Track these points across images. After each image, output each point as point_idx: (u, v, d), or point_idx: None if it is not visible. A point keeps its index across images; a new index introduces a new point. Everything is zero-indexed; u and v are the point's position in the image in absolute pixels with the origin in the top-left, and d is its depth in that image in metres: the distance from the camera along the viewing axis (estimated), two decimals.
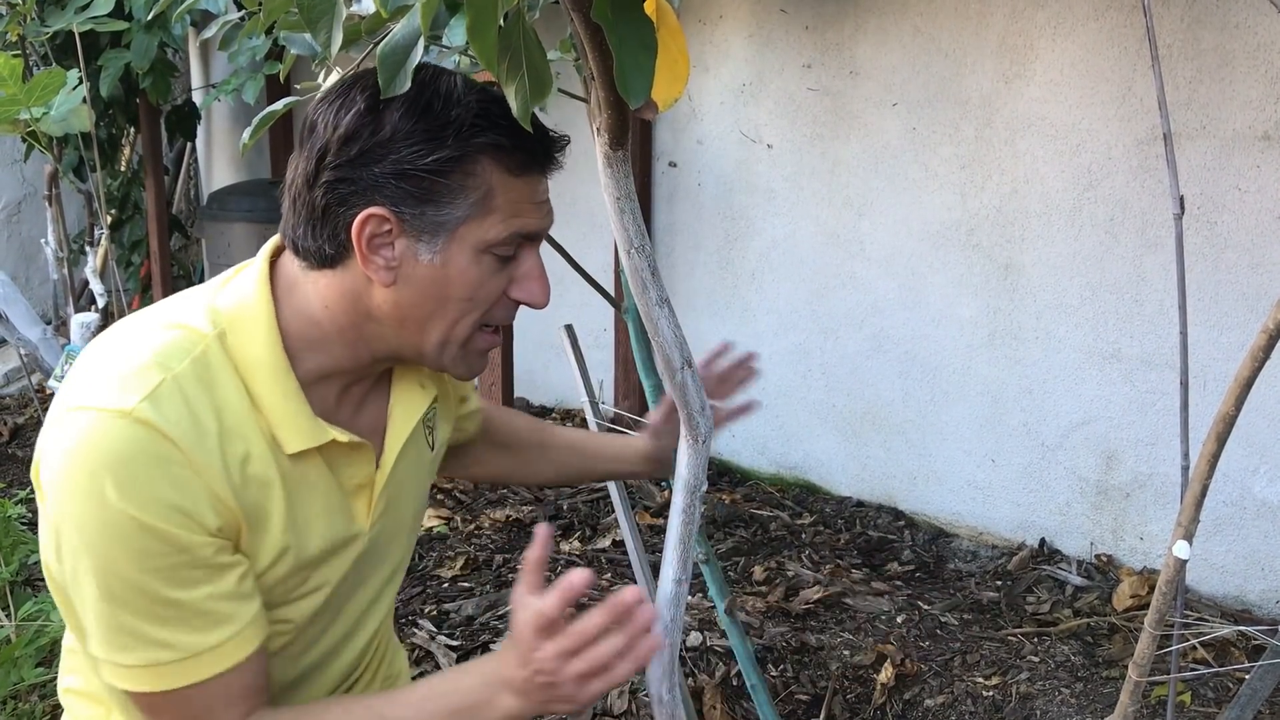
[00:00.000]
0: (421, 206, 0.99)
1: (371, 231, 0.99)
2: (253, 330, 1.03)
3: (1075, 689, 2.39)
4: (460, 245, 1.01)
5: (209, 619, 0.98)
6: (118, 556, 0.94)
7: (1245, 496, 2.66)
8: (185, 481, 0.95)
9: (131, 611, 0.96)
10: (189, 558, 0.96)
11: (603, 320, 3.93)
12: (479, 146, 0.98)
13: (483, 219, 1.00)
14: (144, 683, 0.98)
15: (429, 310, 1.03)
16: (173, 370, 0.98)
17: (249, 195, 4.53)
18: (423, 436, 1.22)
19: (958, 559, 3.07)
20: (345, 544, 1.13)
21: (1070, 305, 2.87)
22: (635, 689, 2.37)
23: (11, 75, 2.48)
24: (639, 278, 0.94)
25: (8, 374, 4.85)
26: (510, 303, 1.07)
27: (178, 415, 0.96)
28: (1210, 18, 2.53)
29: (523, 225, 1.03)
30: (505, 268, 1.05)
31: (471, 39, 0.79)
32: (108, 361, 0.99)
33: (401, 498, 1.19)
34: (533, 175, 1.03)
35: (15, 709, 2.09)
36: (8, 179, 5.58)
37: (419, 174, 0.98)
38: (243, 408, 1.01)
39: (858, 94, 3.19)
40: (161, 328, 1.02)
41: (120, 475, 0.93)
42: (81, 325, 2.93)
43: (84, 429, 0.94)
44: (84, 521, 0.94)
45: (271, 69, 3.41)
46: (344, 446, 1.09)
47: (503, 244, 1.02)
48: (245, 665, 1.01)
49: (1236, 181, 2.56)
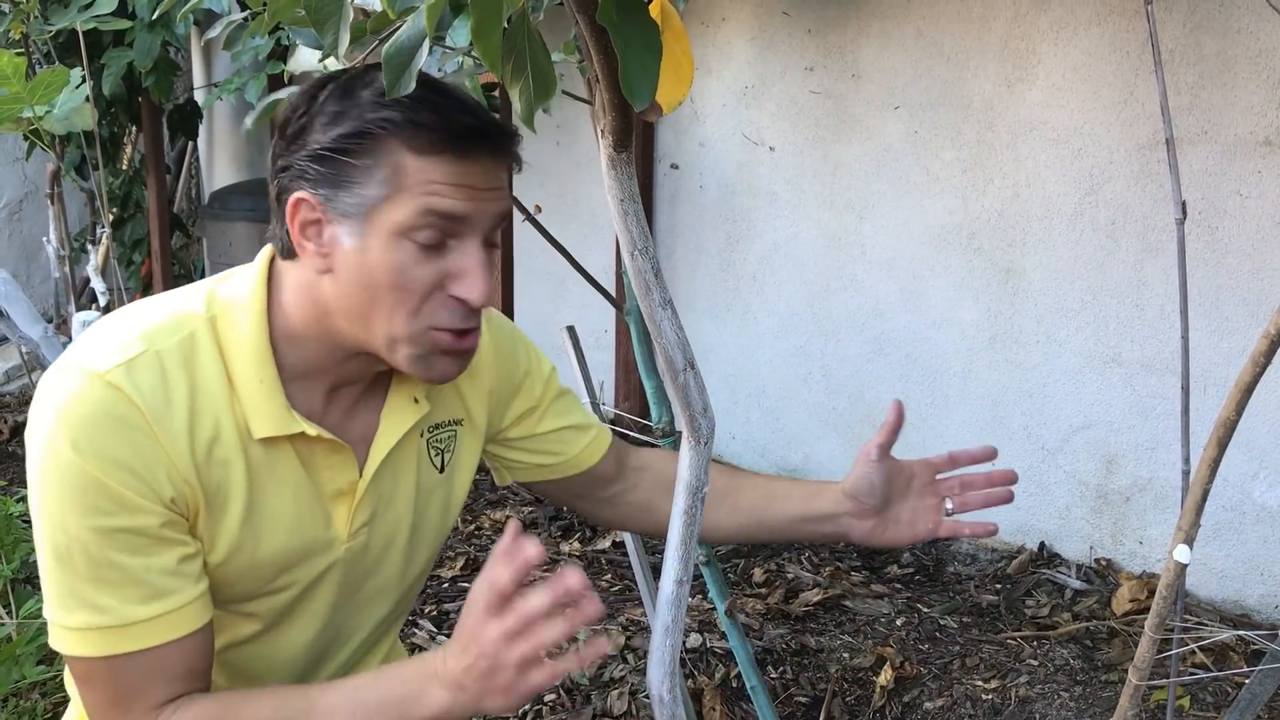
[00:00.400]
0: (335, 189, 0.99)
1: (303, 218, 1.01)
2: (242, 317, 1.05)
3: (1074, 692, 2.39)
4: (377, 229, 0.98)
5: (148, 589, 0.99)
6: (67, 510, 0.96)
7: (1245, 501, 2.66)
8: (143, 448, 0.97)
9: (74, 570, 0.97)
10: (135, 523, 0.97)
11: (603, 321, 3.93)
12: (378, 122, 0.97)
13: (393, 200, 0.98)
14: (79, 646, 0.99)
15: (364, 301, 1.01)
16: (156, 345, 1.01)
17: (250, 194, 4.53)
18: (425, 455, 1.19)
19: (957, 562, 3.07)
20: (318, 548, 1.12)
21: (1071, 309, 2.88)
22: (635, 690, 2.38)
23: (15, 73, 2.49)
24: (642, 279, 0.94)
25: (8, 371, 4.85)
26: (452, 301, 1.01)
27: (150, 385, 0.98)
28: (1212, 23, 2.53)
29: (435, 203, 0.98)
30: (434, 258, 1.00)
31: (476, 40, 0.79)
32: (104, 331, 1.03)
33: (391, 512, 1.17)
34: (447, 156, 0.98)
35: (17, 706, 2.09)
36: (9, 177, 5.59)
37: (326, 153, 0.98)
38: (220, 390, 1.03)
39: (860, 97, 3.20)
40: (161, 309, 1.05)
41: (79, 431, 0.95)
42: (83, 323, 2.93)
43: (59, 386, 0.98)
44: (42, 472, 0.97)
45: (274, 68, 3.42)
46: (323, 448, 1.09)
47: (416, 228, 0.98)
48: (181, 644, 1.00)
49: (1238, 187, 2.56)
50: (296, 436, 1.06)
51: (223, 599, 1.09)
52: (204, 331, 1.03)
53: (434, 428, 1.20)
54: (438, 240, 0.99)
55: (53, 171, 4.06)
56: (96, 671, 1.00)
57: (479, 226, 1.01)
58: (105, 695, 1.01)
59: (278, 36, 2.72)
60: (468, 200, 0.99)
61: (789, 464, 3.57)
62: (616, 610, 2.75)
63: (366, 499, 1.13)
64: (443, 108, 0.97)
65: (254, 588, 1.10)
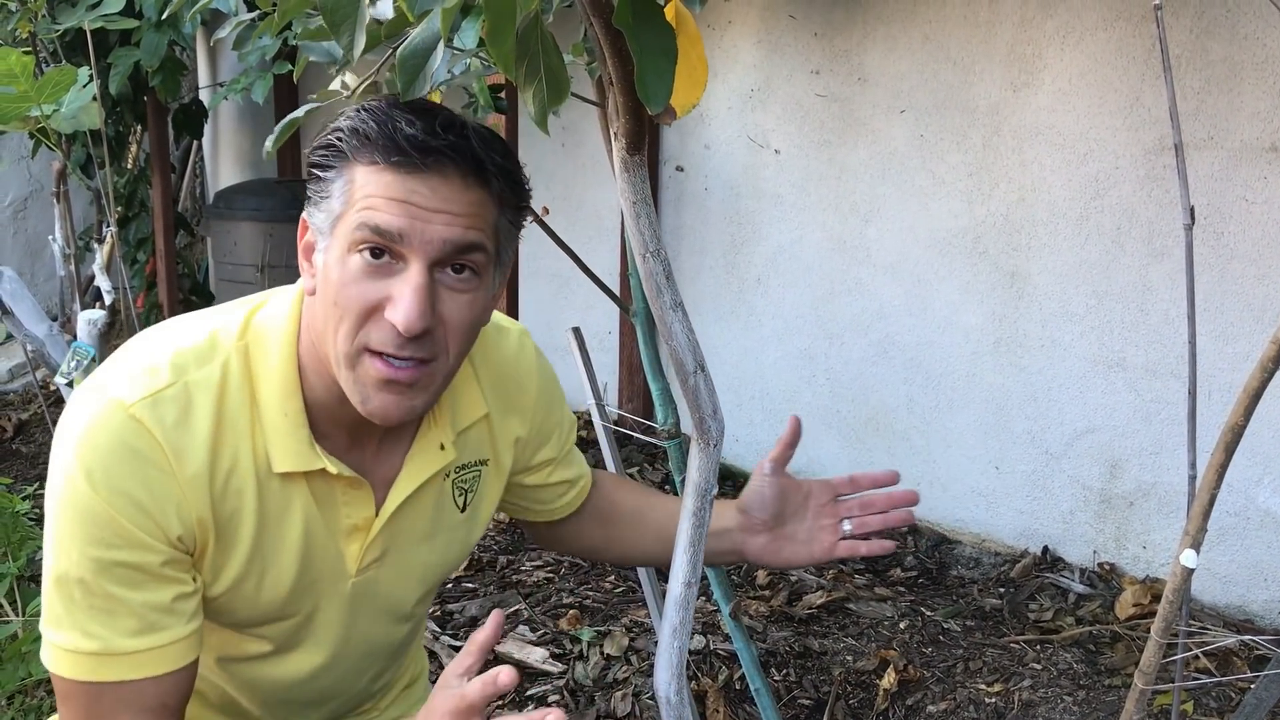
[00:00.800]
0: (315, 206, 0.99)
1: (306, 240, 1.01)
2: (273, 346, 1.04)
3: (1077, 697, 2.40)
4: (337, 243, 0.97)
5: (139, 623, 0.99)
6: (73, 536, 0.97)
7: (1249, 507, 2.66)
8: (156, 484, 0.97)
9: (70, 594, 0.98)
10: (137, 559, 0.97)
11: (608, 323, 3.93)
12: (339, 134, 0.96)
13: (347, 214, 0.96)
14: (61, 665, 1.00)
15: (322, 318, 0.99)
16: (186, 376, 1.00)
17: (255, 194, 4.54)
18: (449, 495, 1.18)
19: (961, 565, 3.07)
20: (325, 581, 1.12)
21: (1076, 314, 2.88)
22: (639, 691, 2.38)
23: (23, 72, 2.49)
24: (654, 281, 0.94)
25: (12, 370, 4.85)
26: (387, 325, 0.96)
27: (174, 420, 0.98)
28: (1219, 29, 2.54)
29: (367, 218, 0.94)
30: (380, 278, 0.96)
31: (490, 44, 0.79)
32: (138, 352, 1.03)
33: (404, 550, 1.16)
34: (389, 167, 0.94)
35: (23, 704, 2.09)
36: (15, 176, 5.60)
37: (311, 172, 0.99)
38: (244, 422, 1.02)
39: (866, 100, 3.20)
40: (198, 331, 1.04)
41: (96, 461, 0.96)
42: (88, 322, 2.94)
43: (84, 410, 0.98)
44: (56, 494, 0.98)
45: (281, 69, 3.42)
46: (341, 485, 1.08)
47: (358, 242, 0.95)
48: (159, 680, 1.00)
49: (1244, 192, 2.56)
50: (315, 476, 1.06)
51: (229, 623, 1.10)
52: (236, 360, 1.03)
53: (460, 468, 1.19)
54: (377, 255, 0.95)
55: (58, 170, 4.06)
56: (73, 692, 1.00)
57: (420, 249, 0.95)
58: (75, 715, 1.01)
59: (284, 37, 2.73)
60: (405, 217, 0.94)
61: (792, 467, 3.56)
62: (620, 612, 2.75)
63: (380, 537, 1.13)
64: (392, 120, 0.94)
65: (258, 615, 1.10)
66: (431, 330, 0.97)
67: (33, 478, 3.64)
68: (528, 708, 2.38)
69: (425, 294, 0.95)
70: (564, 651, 2.57)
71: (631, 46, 0.77)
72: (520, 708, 2.38)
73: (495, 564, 3.04)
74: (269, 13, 1.20)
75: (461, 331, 1.00)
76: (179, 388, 0.99)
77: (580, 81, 1.35)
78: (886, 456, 3.33)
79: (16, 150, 5.48)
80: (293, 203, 4.42)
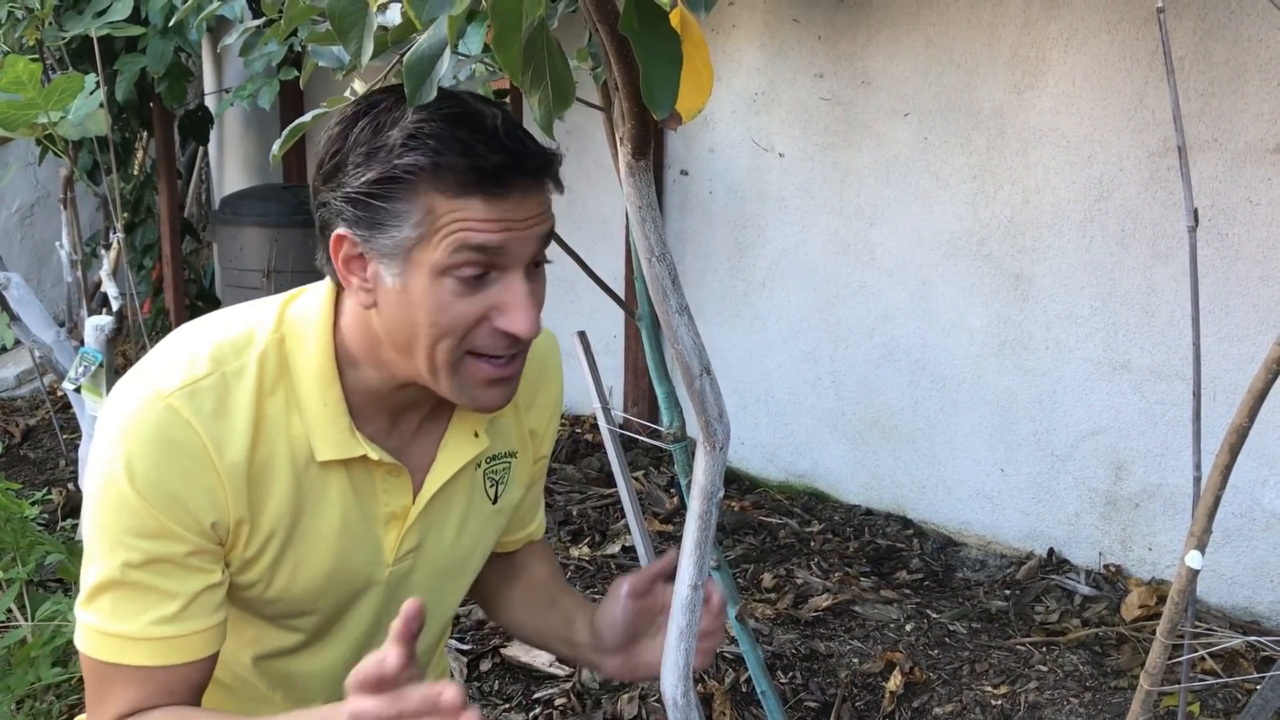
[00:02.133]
0: (371, 230, 0.98)
1: (346, 253, 1.01)
2: (309, 337, 1.06)
3: (1084, 698, 2.40)
4: (416, 269, 0.98)
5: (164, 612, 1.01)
6: (108, 522, 1.00)
7: (1255, 508, 2.66)
8: (194, 474, 1.00)
9: (101, 571, 1.01)
10: (169, 550, 1.00)
11: (613, 327, 3.94)
12: (405, 168, 0.95)
13: (429, 241, 0.97)
14: (84, 642, 1.03)
15: (406, 334, 1.01)
16: (224, 367, 1.03)
17: (261, 200, 4.55)
18: (479, 484, 1.20)
19: (966, 568, 3.07)
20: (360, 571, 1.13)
21: (1080, 316, 2.88)
22: (645, 694, 2.38)
23: (30, 80, 2.50)
24: (659, 285, 0.95)
25: (20, 375, 4.87)
26: (497, 331, 1.00)
27: (212, 409, 1.01)
28: (1222, 31, 2.54)
29: (468, 239, 0.96)
30: (476, 291, 0.99)
31: (496, 50, 0.80)
32: (178, 344, 1.06)
33: (439, 540, 1.18)
34: (478, 195, 0.96)
35: (32, 708, 2.10)
36: (22, 182, 5.61)
37: (359, 197, 0.97)
38: (282, 413, 1.04)
39: (869, 104, 3.20)
40: (236, 323, 1.07)
41: (135, 450, 0.98)
42: (95, 328, 2.94)
43: (126, 401, 1.01)
44: (98, 482, 1.01)
45: (287, 75, 3.43)
46: (382, 471, 1.10)
47: (455, 264, 0.97)
48: (172, 670, 1.03)
49: (1248, 194, 2.56)
50: (355, 463, 1.08)
51: (262, 614, 1.12)
52: (272, 351, 1.05)
53: (491, 459, 1.21)
54: (479, 274, 0.98)
55: (65, 176, 4.07)
56: (88, 667, 1.04)
57: (519, 257, 0.99)
58: (89, 686, 1.04)
59: (291, 43, 2.74)
60: (503, 234, 0.97)
61: (797, 469, 3.57)
62: None
63: (416, 526, 1.14)
64: (471, 148, 0.95)
65: (292, 607, 1.11)
66: None
67: (41, 483, 3.65)
68: (534, 711, 2.38)
69: (534, 299, 1.01)
70: None
71: (637, 52, 0.78)
72: (527, 711, 2.39)
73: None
74: (275, 19, 1.21)
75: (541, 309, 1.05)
76: (216, 378, 1.02)
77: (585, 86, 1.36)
78: (891, 459, 3.33)
79: (24, 157, 5.50)
80: (298, 208, 4.43)
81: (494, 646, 2.60)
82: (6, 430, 4.28)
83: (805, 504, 3.47)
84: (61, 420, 4.08)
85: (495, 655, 2.57)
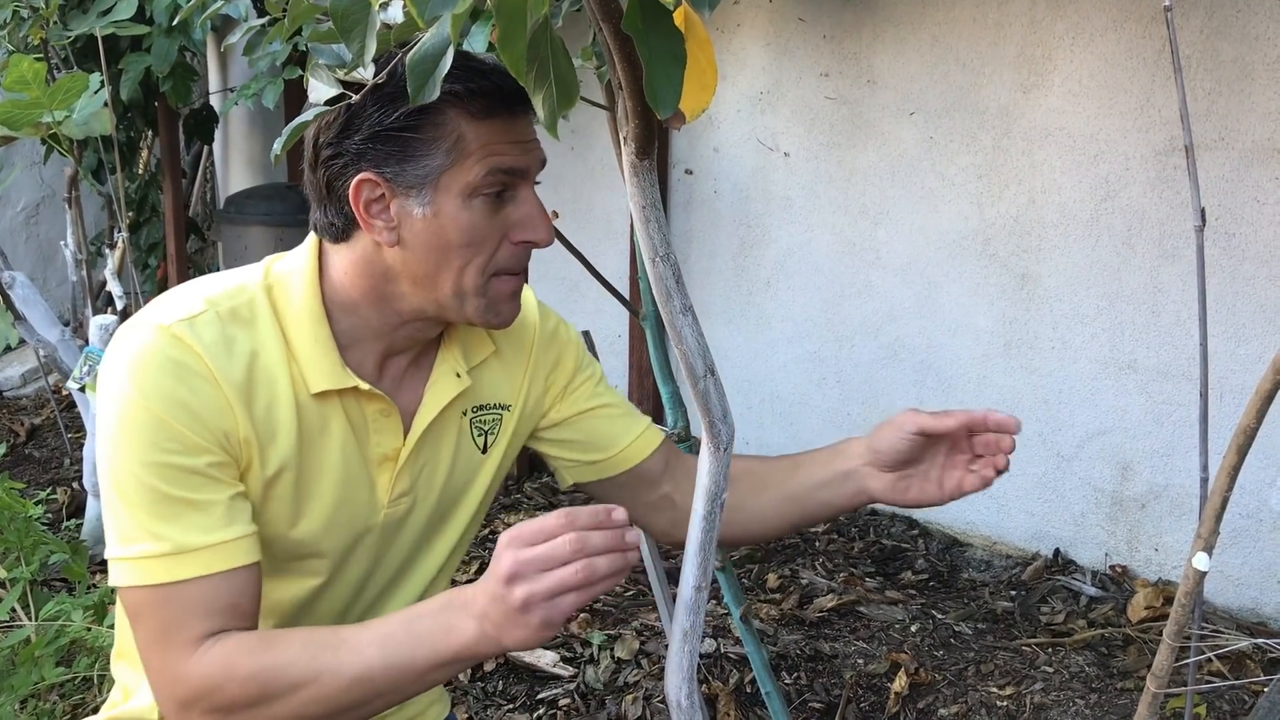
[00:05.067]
0: (401, 164, 1.06)
1: (367, 197, 1.07)
2: (296, 284, 1.13)
3: (1090, 700, 2.39)
4: (447, 194, 1.06)
5: (204, 521, 1.03)
6: (131, 448, 1.02)
7: (1261, 509, 2.65)
8: (203, 392, 1.04)
9: (134, 504, 1.02)
10: (194, 462, 1.03)
11: (617, 326, 3.94)
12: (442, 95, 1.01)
13: (460, 164, 1.06)
14: (136, 575, 1.02)
15: (435, 262, 1.09)
16: (218, 307, 1.09)
17: (266, 199, 4.55)
18: (467, 433, 1.24)
19: (972, 568, 3.07)
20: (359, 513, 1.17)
21: (1087, 316, 2.87)
22: (650, 695, 2.38)
23: (35, 79, 2.51)
24: (663, 285, 0.94)
25: (25, 375, 4.87)
26: (515, 247, 1.11)
27: (211, 339, 1.06)
28: (1230, 29, 2.53)
29: (499, 162, 1.07)
30: (499, 211, 1.09)
31: (501, 49, 0.80)
32: (170, 296, 1.12)
33: (430, 482, 1.22)
34: (500, 117, 1.07)
35: (36, 708, 2.10)
36: (27, 181, 5.62)
37: (390, 133, 1.05)
38: (277, 351, 1.10)
39: (875, 103, 3.20)
40: (222, 279, 1.14)
41: (144, 374, 1.03)
42: (100, 327, 2.95)
43: (128, 340, 1.06)
44: (109, 416, 1.04)
45: (291, 74, 3.43)
46: (374, 410, 1.15)
47: (486, 184, 1.07)
48: (229, 576, 1.04)
49: (1255, 194, 2.55)
50: (348, 394, 1.13)
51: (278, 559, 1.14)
52: (261, 297, 1.12)
53: (479, 408, 1.25)
54: (500, 190, 1.08)
55: (70, 176, 4.07)
56: (147, 602, 1.03)
57: (530, 175, 1.11)
58: (153, 626, 1.03)
59: (295, 42, 2.74)
60: (522, 153, 1.09)
61: None
62: (631, 615, 2.75)
63: (408, 467, 1.19)
64: (489, 75, 1.05)
65: (307, 548, 1.14)
66: None
67: (45, 482, 3.65)
68: (538, 711, 2.38)
69: (545, 209, 1.12)
70: (575, 655, 2.57)
71: (641, 51, 0.78)
72: (531, 711, 2.38)
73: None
74: (279, 18, 1.20)
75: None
76: (211, 315, 1.08)
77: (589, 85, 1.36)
78: None
79: (29, 156, 5.51)
80: (302, 207, 4.37)
81: None
82: (11, 429, 4.28)
83: None
84: (66, 420, 4.09)
85: (499, 655, 2.57)
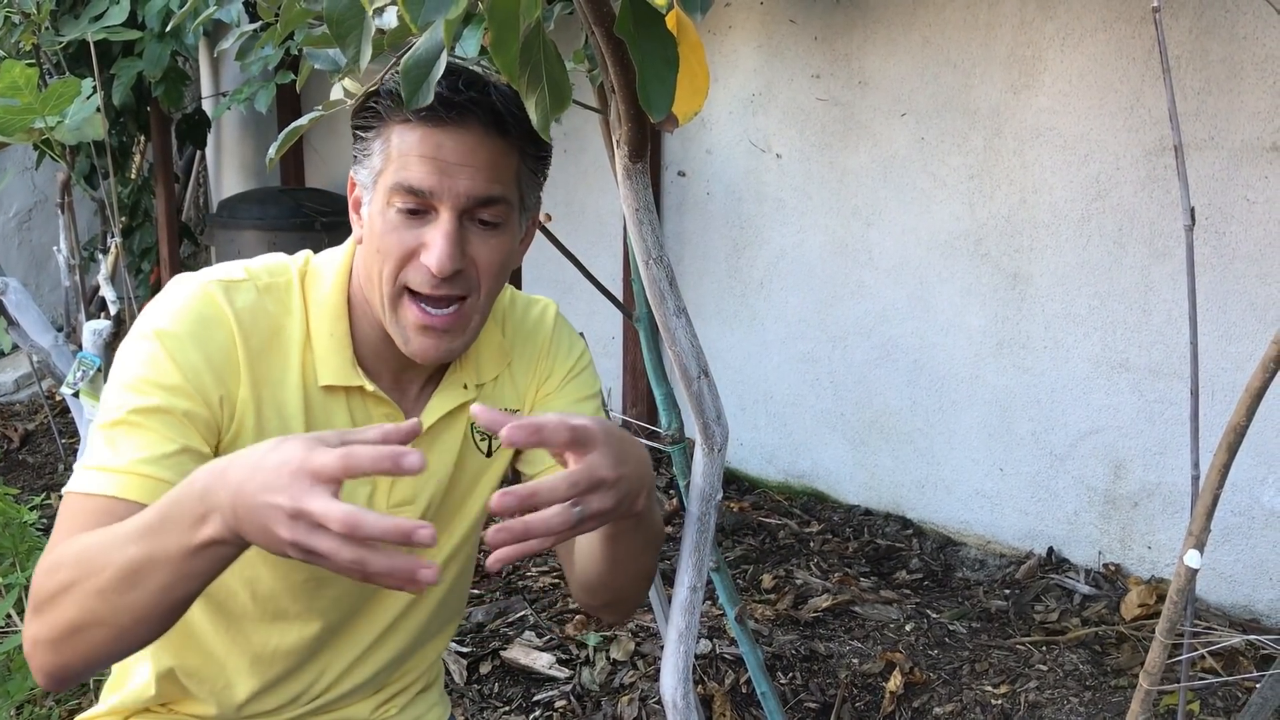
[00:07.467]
0: (360, 165, 1.10)
1: (354, 196, 1.13)
2: (326, 277, 1.15)
3: (1084, 698, 2.40)
4: (379, 195, 1.08)
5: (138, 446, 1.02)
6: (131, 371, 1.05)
7: (1254, 506, 2.66)
8: (219, 342, 1.07)
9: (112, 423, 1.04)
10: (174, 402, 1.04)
11: (611, 328, 3.94)
12: (376, 96, 1.07)
13: (386, 169, 1.07)
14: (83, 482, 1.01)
15: (368, 264, 1.10)
16: (256, 281, 1.12)
17: (259, 203, 4.55)
18: (469, 438, 1.24)
19: (966, 568, 3.07)
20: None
21: (1078, 315, 2.88)
22: (645, 696, 2.38)
23: (27, 84, 2.51)
24: (657, 287, 0.95)
25: (18, 380, 4.86)
26: (423, 267, 1.07)
27: (242, 305, 1.10)
28: (1218, 29, 2.54)
29: (401, 178, 1.05)
30: (417, 226, 1.07)
31: (494, 53, 0.80)
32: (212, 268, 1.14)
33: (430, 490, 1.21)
34: (419, 124, 1.04)
35: (31, 714, 2.10)
36: (20, 186, 5.61)
37: (354, 133, 1.09)
38: (297, 338, 1.13)
39: (866, 104, 3.21)
40: (265, 258, 1.17)
41: (170, 320, 1.07)
42: (93, 332, 2.94)
43: (170, 287, 1.11)
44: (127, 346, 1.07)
45: (283, 78, 3.43)
46: (380, 413, 1.16)
47: (393, 197, 1.05)
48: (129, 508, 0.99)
49: (1245, 192, 2.56)
50: (355, 393, 1.14)
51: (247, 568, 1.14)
52: (295, 284, 1.15)
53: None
54: (415, 209, 1.06)
55: (63, 181, 4.07)
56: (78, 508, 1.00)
57: (449, 201, 1.05)
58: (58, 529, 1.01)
59: (287, 46, 2.74)
60: (435, 174, 1.04)
61: (796, 470, 3.58)
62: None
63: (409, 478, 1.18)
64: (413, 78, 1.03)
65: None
66: (463, 270, 1.07)
67: (39, 488, 3.64)
68: (534, 713, 2.38)
69: (454, 240, 1.05)
70: (570, 657, 2.57)
71: (633, 55, 0.78)
72: (527, 713, 2.39)
73: (500, 571, 3.04)
74: (271, 23, 1.21)
75: (491, 271, 1.10)
76: (249, 285, 1.11)
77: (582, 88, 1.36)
78: (890, 459, 3.33)
79: (21, 162, 5.50)
80: (296, 211, 4.42)
81: (494, 649, 2.60)
82: (5, 435, 4.28)
83: (804, 504, 3.47)
84: (60, 425, 4.08)
85: (495, 658, 2.57)
